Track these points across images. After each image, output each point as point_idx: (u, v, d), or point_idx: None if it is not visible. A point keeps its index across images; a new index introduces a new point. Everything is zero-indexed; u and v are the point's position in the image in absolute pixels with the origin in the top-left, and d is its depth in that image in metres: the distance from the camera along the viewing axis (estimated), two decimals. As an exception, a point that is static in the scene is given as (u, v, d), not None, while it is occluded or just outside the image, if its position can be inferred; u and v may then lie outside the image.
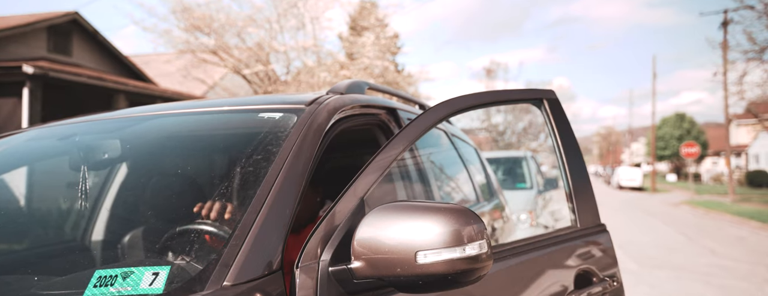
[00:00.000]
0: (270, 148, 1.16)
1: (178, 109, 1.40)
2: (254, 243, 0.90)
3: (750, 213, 13.02)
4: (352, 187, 1.07)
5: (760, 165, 30.01)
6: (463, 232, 0.87)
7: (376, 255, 0.89)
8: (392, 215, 0.91)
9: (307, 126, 1.24)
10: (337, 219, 1.02)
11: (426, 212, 0.89)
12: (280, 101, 1.42)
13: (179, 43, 11.19)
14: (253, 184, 1.04)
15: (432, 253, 0.85)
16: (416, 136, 1.29)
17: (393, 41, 14.49)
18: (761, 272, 5.89)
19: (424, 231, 0.87)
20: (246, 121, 1.31)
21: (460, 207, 0.91)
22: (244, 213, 0.96)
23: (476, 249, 0.87)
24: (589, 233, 1.49)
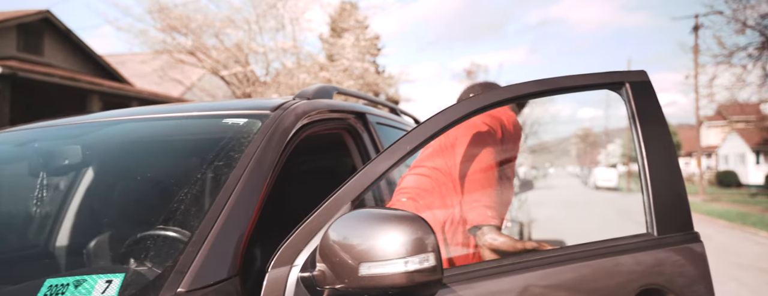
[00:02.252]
0: (232, 154, 1.16)
1: (142, 114, 1.39)
2: (211, 250, 0.91)
3: (718, 213, 13.42)
4: (337, 192, 1.06)
5: (729, 166, 30.96)
6: (410, 244, 0.83)
7: (332, 264, 0.89)
8: (349, 223, 0.90)
9: (271, 132, 1.25)
10: (315, 224, 1.02)
11: (376, 221, 0.86)
12: (245, 107, 1.43)
13: (155, 43, 11.02)
14: (213, 190, 1.05)
15: (375, 265, 0.82)
16: (431, 135, 1.19)
17: (373, 43, 14.52)
18: (725, 269, 6.09)
19: (370, 241, 0.84)
20: (209, 127, 1.32)
21: (411, 216, 0.88)
22: (201, 219, 0.97)
23: (421, 263, 0.82)
24: (668, 243, 1.20)
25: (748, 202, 17.12)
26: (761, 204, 15.82)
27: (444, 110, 1.28)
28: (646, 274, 1.17)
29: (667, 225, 1.21)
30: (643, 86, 1.30)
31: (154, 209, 1.09)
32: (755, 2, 21.71)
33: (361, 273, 0.83)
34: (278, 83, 11.65)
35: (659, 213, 1.21)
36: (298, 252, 0.99)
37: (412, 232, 0.84)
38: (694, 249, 1.21)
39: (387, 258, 0.82)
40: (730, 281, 5.45)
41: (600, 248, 1.18)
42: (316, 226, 1.00)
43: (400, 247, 0.83)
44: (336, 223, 0.93)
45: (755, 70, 18.42)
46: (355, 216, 0.92)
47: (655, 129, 1.27)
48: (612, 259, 1.16)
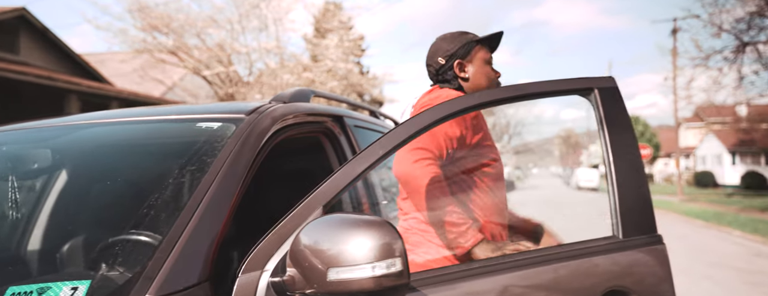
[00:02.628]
0: (205, 159, 1.16)
1: (115, 117, 1.38)
2: (181, 255, 0.91)
3: (695, 213, 13.74)
4: (308, 197, 1.06)
5: (706, 167, 31.68)
6: (377, 250, 0.84)
7: (302, 269, 0.90)
8: (319, 228, 0.91)
9: (245, 136, 1.25)
10: (287, 228, 1.02)
11: (345, 226, 0.87)
12: (220, 110, 1.43)
13: (136, 42, 10.85)
14: (185, 195, 1.05)
15: (343, 270, 0.83)
16: (403, 140, 1.19)
17: (357, 43, 14.53)
18: (699, 268, 6.24)
19: (339, 246, 0.85)
20: (183, 131, 1.31)
21: (379, 221, 0.89)
22: (172, 224, 0.97)
23: (388, 268, 0.83)
24: (633, 245, 1.22)
25: (724, 202, 17.55)
26: (736, 204, 16.23)
27: (417, 115, 1.29)
28: (610, 276, 1.19)
29: (632, 228, 1.24)
30: (611, 92, 1.33)
31: (125, 214, 1.08)
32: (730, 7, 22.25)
33: (330, 278, 0.84)
34: (261, 84, 11.58)
35: (624, 216, 1.25)
36: (269, 256, 0.99)
37: (379, 237, 0.85)
38: (657, 251, 1.24)
39: (355, 263, 0.83)
40: (704, 279, 5.59)
41: (566, 251, 1.21)
42: (287, 231, 1.01)
43: (367, 252, 0.84)
44: (306, 228, 0.93)
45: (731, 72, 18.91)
46: (324, 221, 0.93)
47: (622, 134, 1.30)
48: (577, 262, 1.18)
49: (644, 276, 1.21)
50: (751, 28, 17.44)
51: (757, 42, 17.76)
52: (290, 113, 1.51)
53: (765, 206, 14.87)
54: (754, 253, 7.61)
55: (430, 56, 1.65)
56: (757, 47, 17.84)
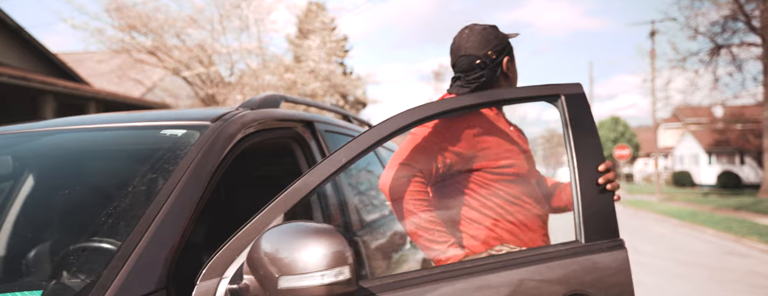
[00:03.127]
0: (167, 167, 1.17)
1: (78, 124, 1.38)
2: (137, 263, 0.92)
3: (671, 212, 14.04)
4: (269, 204, 1.08)
5: (684, 166, 32.37)
6: (326, 258, 0.86)
7: (258, 277, 0.92)
8: (274, 237, 0.93)
9: (208, 144, 1.26)
10: (247, 236, 1.04)
11: (296, 235, 0.89)
12: (186, 117, 1.43)
13: (113, 42, 10.68)
14: (145, 203, 1.06)
15: (294, 279, 0.86)
16: (366, 148, 1.21)
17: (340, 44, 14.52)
18: (672, 267, 6.39)
19: (292, 254, 0.87)
20: (147, 138, 1.32)
21: (328, 230, 0.91)
22: (129, 232, 0.98)
23: (337, 276, 0.86)
24: (595, 250, 1.24)
25: (699, 201, 17.96)
26: (712, 203, 16.64)
27: (382, 122, 1.31)
28: (573, 280, 1.21)
29: (595, 232, 1.26)
30: (577, 98, 1.35)
31: (84, 222, 1.09)
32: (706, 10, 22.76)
33: (281, 286, 0.86)
34: (242, 84, 11.50)
35: (587, 221, 1.27)
36: (229, 263, 1.01)
37: (328, 246, 0.87)
38: (618, 256, 1.26)
39: (306, 271, 0.85)
40: (676, 278, 5.73)
41: (531, 255, 1.23)
42: (247, 238, 1.02)
43: (318, 261, 0.86)
44: (263, 236, 0.95)
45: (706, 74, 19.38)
46: (280, 229, 0.95)
47: (587, 140, 1.31)
48: (542, 266, 1.20)
49: (605, 281, 1.23)
50: (725, 31, 17.91)
51: (731, 45, 18.23)
52: (258, 119, 1.52)
53: (738, 205, 15.27)
54: (725, 251, 7.82)
55: (478, 47, 1.47)
56: (731, 50, 18.33)
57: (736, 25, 17.68)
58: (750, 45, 18.01)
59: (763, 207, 13.91)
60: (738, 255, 7.45)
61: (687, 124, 34.04)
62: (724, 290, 5.15)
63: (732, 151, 28.28)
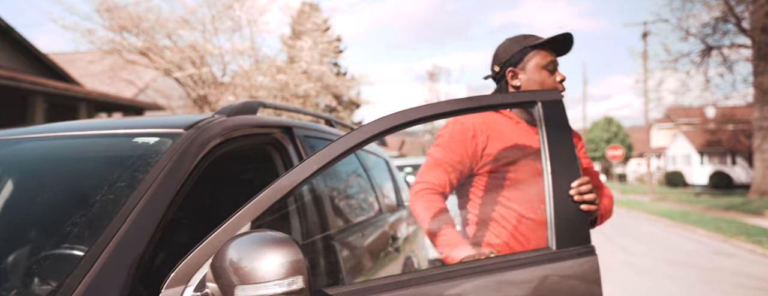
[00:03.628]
0: (136, 175, 1.18)
1: (50, 132, 1.39)
2: (100, 273, 0.93)
3: (663, 212, 14.14)
4: (237, 212, 1.09)
5: (676, 167, 32.58)
6: (281, 267, 0.88)
7: (220, 285, 0.93)
8: (236, 245, 0.94)
9: (180, 152, 1.27)
10: (214, 243, 1.05)
11: (254, 244, 0.91)
12: (159, 125, 1.44)
13: (104, 43, 10.62)
14: (112, 211, 1.07)
15: (249, 288, 0.87)
16: (338, 155, 1.22)
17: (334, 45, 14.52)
18: (660, 267, 6.45)
19: (251, 263, 0.88)
20: (118, 146, 1.33)
21: (283, 239, 0.92)
22: (95, 241, 0.99)
23: (290, 286, 0.88)
24: (566, 256, 1.26)
25: (691, 201, 18.10)
26: (703, 204, 16.77)
27: (354, 131, 1.32)
28: (543, 287, 1.22)
29: (566, 239, 1.28)
30: (554, 105, 1.36)
31: (52, 230, 1.10)
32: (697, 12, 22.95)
33: (237, 295, 0.87)
34: (234, 85, 11.47)
35: (559, 228, 1.28)
36: (195, 271, 1.02)
37: (283, 255, 0.89)
38: (588, 262, 1.28)
39: (262, 280, 0.87)
40: (664, 278, 5.78)
41: (503, 262, 1.24)
42: (214, 246, 1.03)
43: (273, 270, 0.87)
44: (226, 245, 0.97)
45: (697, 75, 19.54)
46: (241, 238, 0.96)
47: (562, 147, 1.33)
48: (513, 273, 1.22)
49: (575, 287, 1.25)
50: (716, 32, 18.05)
51: (722, 46, 18.38)
52: (234, 127, 1.53)
53: (728, 205, 15.40)
54: (715, 252, 7.89)
55: (491, 63, 1.65)
56: (722, 51, 18.47)
57: (726, 26, 17.84)
58: (740, 46, 18.18)
59: (753, 208, 14.04)
60: (726, 255, 7.53)
61: (679, 125, 34.29)
62: (709, 289, 5.20)
63: (724, 152, 28.50)
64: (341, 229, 1.92)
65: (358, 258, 1.94)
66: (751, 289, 5.26)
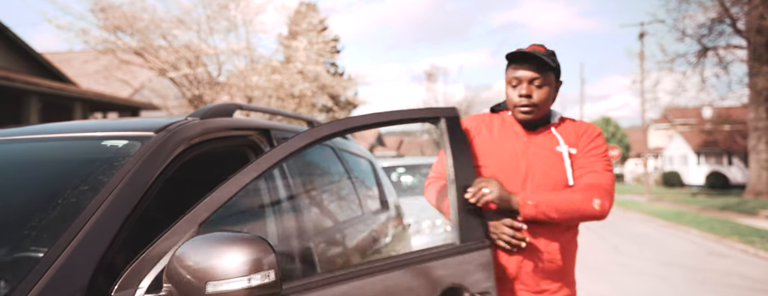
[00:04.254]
0: (101, 178, 1.18)
1: (19, 135, 1.39)
2: (55, 278, 0.94)
3: (658, 212, 14.17)
4: (184, 216, 1.12)
5: (673, 167, 32.64)
6: (253, 263, 0.93)
7: (178, 284, 0.95)
8: (197, 245, 0.97)
9: (148, 155, 1.28)
10: (162, 247, 1.07)
11: (220, 244, 0.95)
12: (130, 127, 1.44)
13: (98, 43, 10.61)
14: (72, 215, 1.07)
15: (221, 283, 0.92)
16: (279, 159, 1.36)
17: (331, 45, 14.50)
18: (652, 267, 6.46)
19: (216, 262, 0.93)
20: (86, 149, 1.33)
21: (254, 238, 0.97)
22: (53, 244, 0.99)
23: (263, 279, 0.94)
24: (467, 250, 1.48)
25: (687, 202, 18.14)
26: (698, 204, 16.81)
27: (291, 140, 1.41)
28: (449, 276, 1.45)
29: (467, 235, 1.50)
30: (453, 121, 1.57)
31: (10, 233, 1.10)
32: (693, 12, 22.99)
33: (209, 290, 0.92)
34: (230, 85, 11.46)
35: (462, 226, 1.50)
36: (145, 274, 1.03)
37: (253, 253, 0.94)
38: (484, 255, 1.50)
39: (233, 276, 0.92)
40: (654, 278, 5.79)
41: (416, 257, 1.44)
42: (163, 249, 1.05)
43: (242, 266, 0.93)
44: (184, 245, 0.98)
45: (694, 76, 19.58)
46: (202, 238, 0.98)
47: (462, 157, 1.55)
48: (425, 265, 1.42)
49: (474, 275, 1.48)
50: (711, 33, 18.09)
51: (718, 47, 18.42)
52: (207, 130, 1.53)
53: (723, 205, 15.44)
54: (707, 252, 7.91)
55: None
56: (718, 52, 18.51)
57: (722, 27, 17.88)
58: (735, 47, 18.22)
59: (747, 208, 14.07)
60: (718, 256, 7.55)
61: (676, 125, 34.36)
62: (700, 290, 5.22)
63: (720, 152, 28.57)
64: (319, 231, 1.93)
65: (335, 260, 1.95)
66: (742, 289, 5.28)
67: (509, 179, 1.63)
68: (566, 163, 1.62)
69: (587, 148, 1.66)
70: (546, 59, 1.56)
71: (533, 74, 1.58)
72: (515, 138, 1.68)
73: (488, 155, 1.68)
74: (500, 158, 1.66)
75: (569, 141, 1.66)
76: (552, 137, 1.66)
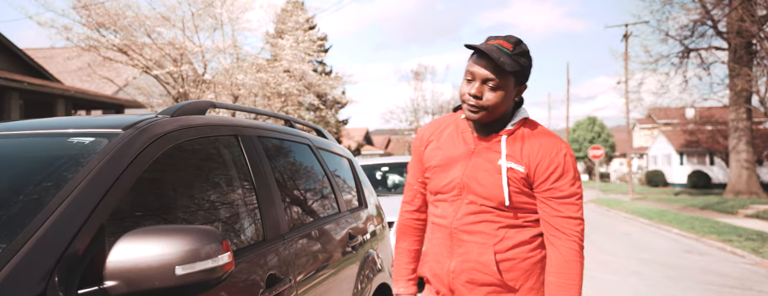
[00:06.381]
0: (65, 175, 1.19)
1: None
2: (13, 273, 0.94)
3: (641, 211, 14.38)
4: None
5: (657, 166, 33.12)
6: (211, 249, 1.09)
7: (135, 273, 1.04)
8: (149, 237, 1.06)
9: (114, 152, 1.28)
10: (79, 244, 1.08)
11: (179, 233, 1.08)
12: (98, 125, 1.45)
13: (81, 40, 10.47)
14: (33, 211, 1.08)
15: (188, 266, 1.05)
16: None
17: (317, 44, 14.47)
18: (632, 265, 6.57)
19: (179, 249, 1.06)
20: (52, 146, 1.33)
21: (206, 229, 1.11)
22: (11, 240, 1.00)
23: (221, 261, 1.11)
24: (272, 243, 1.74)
25: (669, 201, 18.43)
26: (680, 203, 17.09)
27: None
28: (269, 263, 1.66)
29: (270, 231, 1.76)
30: (247, 140, 1.84)
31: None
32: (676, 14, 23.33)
33: (178, 273, 1.05)
34: (215, 84, 11.39)
35: (265, 222, 1.76)
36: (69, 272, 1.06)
37: (210, 240, 1.10)
38: (284, 246, 1.79)
39: (197, 259, 1.08)
40: (632, 275, 5.90)
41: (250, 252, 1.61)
42: (79, 246, 1.07)
43: (204, 252, 1.08)
44: (127, 240, 1.08)
45: (677, 77, 19.90)
46: (147, 232, 1.09)
47: (260, 167, 1.83)
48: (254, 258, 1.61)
49: (292, 262, 1.76)
50: (694, 34, 18.40)
51: (700, 48, 18.73)
52: (176, 127, 1.54)
53: (704, 204, 15.73)
54: (686, 250, 8.07)
55: None
56: (700, 53, 18.83)
57: (704, 28, 18.19)
58: (717, 49, 18.55)
59: (727, 207, 14.35)
60: (696, 253, 7.70)
61: (660, 125, 34.88)
62: (676, 286, 5.33)
63: (702, 152, 29.06)
64: (292, 228, 1.94)
65: (308, 257, 1.96)
66: (717, 286, 5.40)
67: (448, 191, 1.49)
68: (504, 181, 1.40)
69: (553, 177, 1.41)
70: (504, 62, 1.33)
71: (488, 74, 1.36)
72: (463, 145, 1.49)
73: (436, 164, 1.53)
74: (443, 168, 1.51)
75: (517, 156, 1.42)
76: (498, 147, 1.44)
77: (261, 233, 1.76)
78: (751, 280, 5.76)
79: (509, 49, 1.37)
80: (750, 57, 17.06)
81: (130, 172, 1.28)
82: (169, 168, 1.71)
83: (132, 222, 1.75)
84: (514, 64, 1.36)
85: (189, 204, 1.54)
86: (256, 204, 1.80)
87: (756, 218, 12.34)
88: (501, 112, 1.42)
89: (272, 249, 1.74)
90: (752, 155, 18.33)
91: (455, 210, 1.48)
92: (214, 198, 1.67)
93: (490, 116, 1.41)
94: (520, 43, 1.39)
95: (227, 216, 1.70)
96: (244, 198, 1.79)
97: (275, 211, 1.89)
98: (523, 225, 1.46)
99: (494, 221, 1.44)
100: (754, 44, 16.47)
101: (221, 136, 1.79)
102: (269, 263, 1.69)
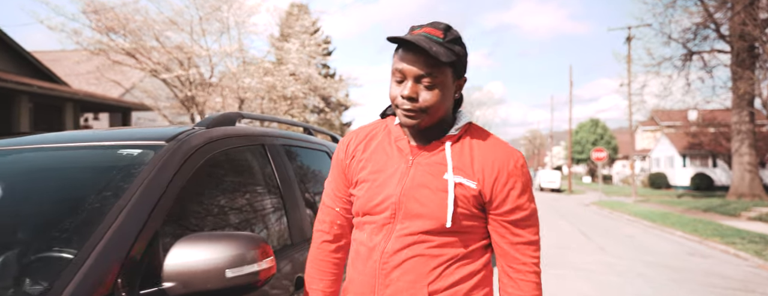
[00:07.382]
0: (121, 185, 1.29)
1: (36, 143, 1.49)
2: (84, 279, 1.05)
3: (644, 214, 14.45)
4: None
5: (660, 168, 33.14)
6: (256, 254, 1.20)
7: (190, 275, 1.15)
8: (200, 243, 1.17)
9: (161, 163, 1.39)
10: (138, 249, 1.19)
11: (227, 239, 1.19)
12: (143, 137, 1.55)
13: (90, 43, 10.61)
14: (98, 218, 1.18)
15: (236, 270, 1.16)
16: None
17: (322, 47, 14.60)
18: (636, 267, 6.65)
19: (228, 254, 1.17)
20: (105, 157, 1.44)
21: (251, 235, 1.22)
22: (82, 246, 1.10)
23: (265, 265, 1.22)
24: None
25: (673, 203, 18.48)
26: (683, 205, 17.14)
27: None
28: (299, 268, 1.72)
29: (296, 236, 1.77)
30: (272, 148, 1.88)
31: (40, 236, 1.20)
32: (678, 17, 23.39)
33: (228, 276, 1.16)
34: (222, 87, 11.51)
35: None
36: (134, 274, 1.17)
37: (256, 246, 1.20)
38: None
39: (245, 263, 1.19)
40: (638, 277, 5.98)
41: (279, 255, 1.67)
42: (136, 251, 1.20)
43: (250, 257, 1.18)
44: (181, 246, 1.19)
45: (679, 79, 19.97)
46: (199, 238, 1.19)
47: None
48: None
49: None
50: (696, 37, 18.47)
51: (702, 51, 18.80)
52: (212, 138, 1.65)
53: (707, 207, 15.78)
54: (689, 252, 8.14)
55: None
56: (703, 56, 18.90)
57: (706, 32, 18.26)
58: (720, 52, 18.61)
59: (730, 209, 14.40)
60: (700, 256, 7.77)
61: (662, 127, 34.91)
62: (680, 289, 5.41)
63: (705, 154, 29.08)
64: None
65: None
66: (720, 288, 5.48)
67: (379, 213, 1.21)
68: (449, 198, 1.16)
69: (513, 194, 1.19)
70: (437, 51, 1.11)
71: (420, 70, 1.13)
72: (398, 156, 1.24)
73: (365, 178, 1.26)
74: (374, 184, 1.23)
75: (467, 169, 1.19)
76: (442, 158, 1.20)
77: (288, 237, 1.87)
78: (754, 283, 5.84)
79: (439, 36, 1.14)
80: (752, 60, 17.13)
81: (177, 181, 1.38)
82: (207, 177, 1.82)
83: (178, 227, 1.87)
84: (450, 54, 1.14)
85: (226, 210, 1.65)
86: (283, 210, 1.90)
87: (759, 221, 12.39)
88: (442, 114, 1.19)
89: (299, 252, 1.84)
90: (755, 158, 18.38)
91: (385, 238, 1.20)
92: (247, 204, 1.78)
93: (430, 119, 1.17)
94: (449, 28, 1.17)
95: (260, 221, 1.81)
96: (273, 203, 1.89)
97: (300, 216, 2.00)
98: (466, 257, 1.20)
99: (431, 254, 1.18)
100: (757, 47, 16.54)
101: (250, 145, 1.90)
102: (297, 266, 1.79)
